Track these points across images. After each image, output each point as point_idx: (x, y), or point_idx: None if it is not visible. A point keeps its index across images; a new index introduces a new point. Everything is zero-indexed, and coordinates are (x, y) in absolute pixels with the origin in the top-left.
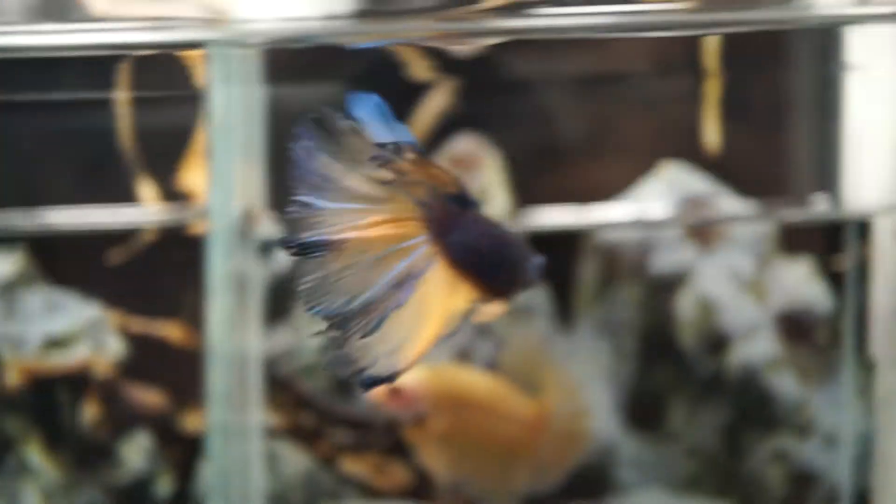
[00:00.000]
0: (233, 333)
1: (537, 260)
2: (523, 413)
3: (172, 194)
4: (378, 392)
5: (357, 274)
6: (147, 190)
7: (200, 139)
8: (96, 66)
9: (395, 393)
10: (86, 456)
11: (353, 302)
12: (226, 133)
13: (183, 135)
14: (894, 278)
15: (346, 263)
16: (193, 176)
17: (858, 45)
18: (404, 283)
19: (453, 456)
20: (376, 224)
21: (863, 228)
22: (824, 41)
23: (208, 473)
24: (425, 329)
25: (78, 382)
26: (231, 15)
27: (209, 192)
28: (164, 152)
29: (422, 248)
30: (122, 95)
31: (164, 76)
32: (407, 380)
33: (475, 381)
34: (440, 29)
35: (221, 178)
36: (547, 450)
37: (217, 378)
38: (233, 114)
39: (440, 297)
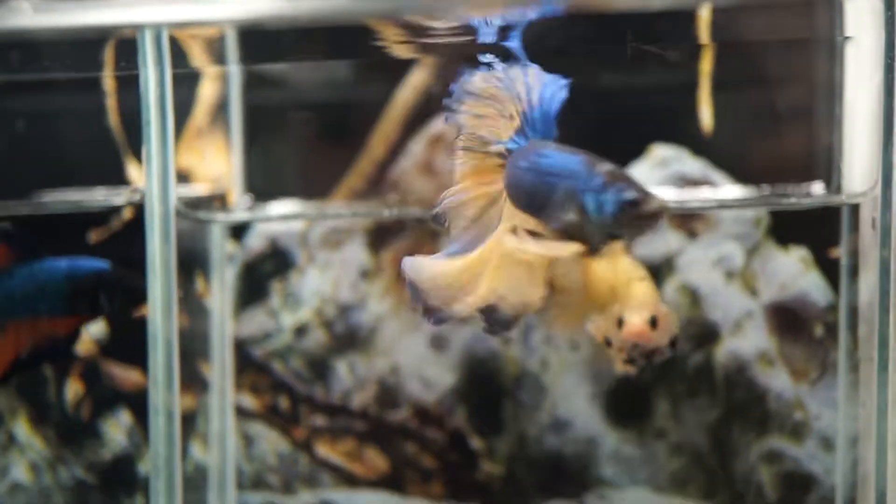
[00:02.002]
0: (172, 316)
1: (619, 194)
2: None
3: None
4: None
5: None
6: (135, 171)
7: (197, 120)
8: (79, 47)
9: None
10: (69, 432)
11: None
12: (160, 117)
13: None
14: (875, 269)
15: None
16: (190, 156)
17: (851, 21)
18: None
19: None
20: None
21: (856, 216)
22: (821, 14)
23: (151, 454)
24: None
25: None
26: None
27: (145, 176)
28: None
29: (494, 193)
30: (109, 76)
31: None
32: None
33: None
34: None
35: (157, 162)
36: None
37: (157, 360)
38: (166, 97)
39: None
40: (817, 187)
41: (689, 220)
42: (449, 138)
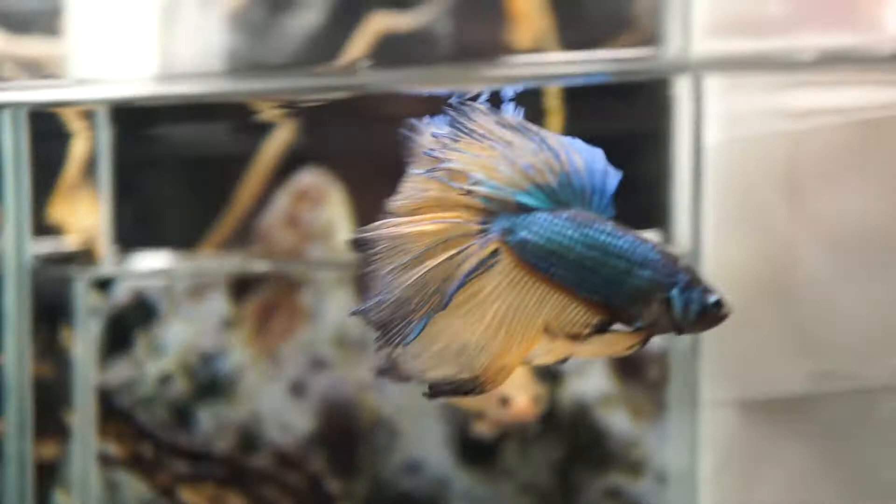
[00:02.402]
0: (26, 367)
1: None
2: None
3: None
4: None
5: (405, 268)
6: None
7: (69, 176)
8: None
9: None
10: None
11: (397, 300)
12: (18, 178)
13: (51, 172)
14: None
15: (395, 256)
16: (62, 210)
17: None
18: (450, 280)
19: None
20: (426, 214)
21: None
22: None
23: (5, 501)
24: (505, 340)
25: None
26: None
27: (3, 233)
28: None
29: (478, 243)
30: None
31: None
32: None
33: None
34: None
35: (13, 221)
36: None
37: (11, 409)
38: (23, 162)
39: (518, 307)
40: (653, 236)
41: None
42: (313, 193)
